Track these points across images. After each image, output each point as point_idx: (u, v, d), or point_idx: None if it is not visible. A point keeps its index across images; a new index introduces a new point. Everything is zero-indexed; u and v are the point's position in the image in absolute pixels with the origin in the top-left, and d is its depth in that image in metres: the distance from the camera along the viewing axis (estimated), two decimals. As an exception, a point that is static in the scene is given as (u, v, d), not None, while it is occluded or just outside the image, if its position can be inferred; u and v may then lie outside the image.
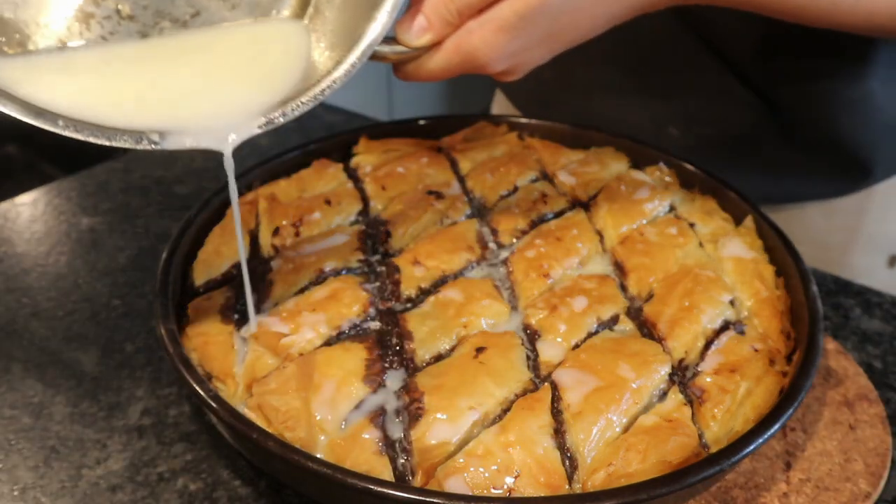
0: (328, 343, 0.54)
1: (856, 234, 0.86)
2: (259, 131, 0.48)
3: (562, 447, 0.47)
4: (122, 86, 0.49)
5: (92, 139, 0.44)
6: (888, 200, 0.85)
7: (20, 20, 0.47)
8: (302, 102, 0.48)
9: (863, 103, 0.76)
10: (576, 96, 0.88)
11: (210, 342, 0.54)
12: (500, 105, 1.02)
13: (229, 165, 0.49)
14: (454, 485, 0.44)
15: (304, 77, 0.50)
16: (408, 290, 0.58)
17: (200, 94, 0.49)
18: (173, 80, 0.50)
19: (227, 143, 0.47)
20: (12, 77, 0.45)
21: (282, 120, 0.48)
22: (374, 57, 0.50)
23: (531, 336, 0.55)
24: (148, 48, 0.51)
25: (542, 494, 0.44)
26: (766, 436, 0.46)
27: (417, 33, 0.50)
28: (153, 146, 0.45)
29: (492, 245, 0.64)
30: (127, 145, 0.45)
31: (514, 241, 0.64)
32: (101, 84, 0.48)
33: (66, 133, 0.43)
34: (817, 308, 0.55)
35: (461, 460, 0.46)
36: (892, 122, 0.78)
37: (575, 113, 0.86)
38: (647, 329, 0.56)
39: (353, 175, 0.72)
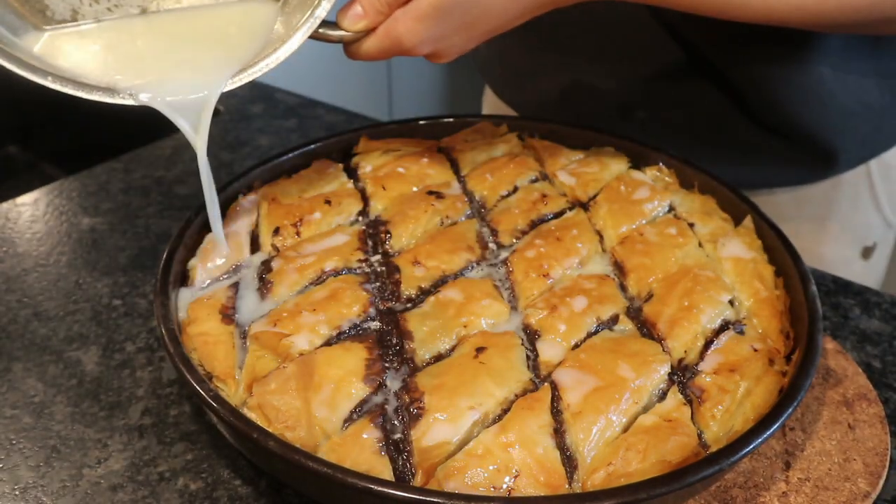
0: (328, 343, 0.54)
1: (826, 223, 0.86)
2: (201, 95, 0.55)
3: (561, 447, 0.47)
4: (114, 50, 0.57)
5: (73, 92, 0.52)
6: (857, 190, 0.85)
7: None
8: (249, 73, 0.56)
9: (815, 89, 0.77)
10: (548, 80, 0.89)
11: (210, 342, 0.54)
12: (487, 93, 1.05)
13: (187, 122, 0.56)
14: (454, 484, 0.45)
15: (262, 52, 0.58)
16: (408, 290, 0.58)
17: (174, 60, 0.58)
18: (156, 47, 0.58)
19: (188, 106, 0.55)
20: (27, 44, 0.53)
21: (232, 86, 0.56)
22: (320, 38, 0.58)
23: (531, 336, 0.55)
24: (143, 21, 0.59)
25: (542, 494, 0.45)
26: (765, 435, 0.46)
27: (353, 20, 0.58)
28: (123, 101, 0.54)
29: (492, 245, 0.64)
30: (104, 99, 0.53)
31: (514, 241, 0.64)
32: (97, 48, 0.56)
33: (54, 87, 0.51)
34: (816, 308, 0.55)
35: (461, 460, 0.46)
36: (849, 108, 0.78)
37: (547, 95, 0.89)
38: (646, 329, 0.56)
39: (353, 175, 0.72)
